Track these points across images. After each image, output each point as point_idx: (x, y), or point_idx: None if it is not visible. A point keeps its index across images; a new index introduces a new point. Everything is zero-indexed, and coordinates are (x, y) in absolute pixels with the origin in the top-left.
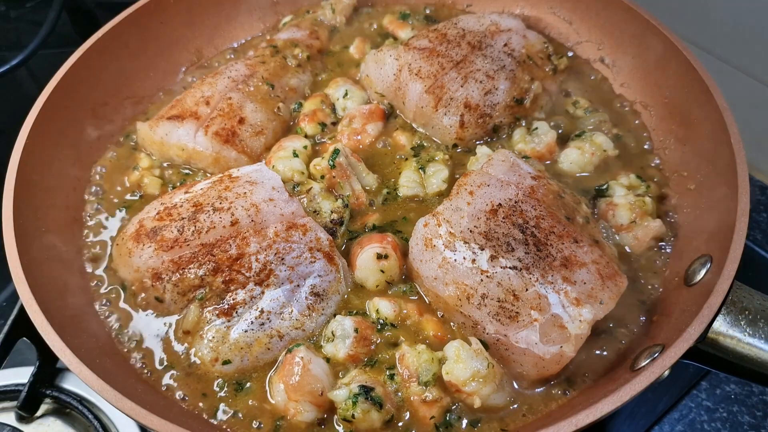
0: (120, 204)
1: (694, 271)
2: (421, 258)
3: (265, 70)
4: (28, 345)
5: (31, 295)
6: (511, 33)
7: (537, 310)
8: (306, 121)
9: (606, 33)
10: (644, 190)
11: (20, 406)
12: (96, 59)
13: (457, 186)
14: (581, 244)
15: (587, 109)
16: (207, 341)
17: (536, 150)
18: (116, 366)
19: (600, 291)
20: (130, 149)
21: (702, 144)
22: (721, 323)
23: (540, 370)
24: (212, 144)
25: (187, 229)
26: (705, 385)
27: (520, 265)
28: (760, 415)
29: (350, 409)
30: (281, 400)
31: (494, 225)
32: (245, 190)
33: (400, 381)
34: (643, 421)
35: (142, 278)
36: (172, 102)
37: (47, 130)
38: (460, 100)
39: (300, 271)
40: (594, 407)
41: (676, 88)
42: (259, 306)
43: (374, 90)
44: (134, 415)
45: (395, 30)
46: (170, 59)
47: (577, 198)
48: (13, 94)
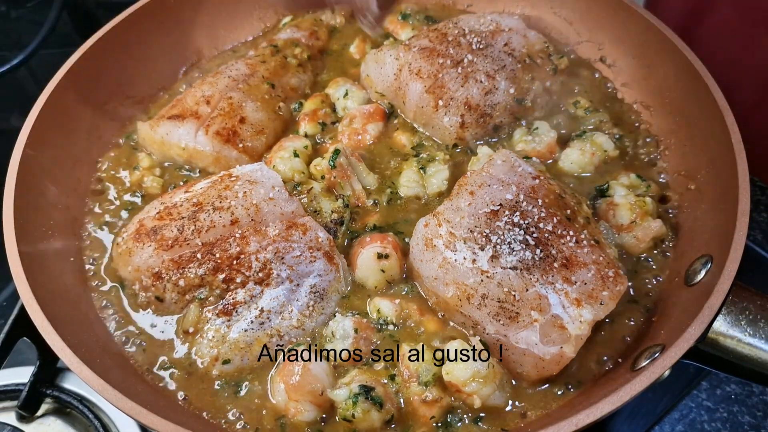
0: (120, 204)
1: (694, 271)
2: (422, 258)
3: (266, 69)
4: (29, 345)
5: (31, 294)
6: (511, 33)
7: (537, 310)
8: (306, 120)
9: (606, 33)
10: (644, 190)
11: (21, 405)
12: (96, 59)
13: (457, 186)
14: (582, 244)
15: (588, 109)
16: (207, 341)
17: (537, 150)
18: (117, 365)
19: (600, 291)
20: (131, 149)
21: (702, 144)
22: (721, 323)
23: (540, 370)
24: (213, 143)
25: (187, 229)
26: (705, 386)
27: (520, 266)
28: (760, 416)
29: (350, 409)
30: (282, 399)
31: (495, 225)
32: (245, 190)
33: (400, 381)
34: (644, 421)
35: (142, 277)
36: (173, 101)
37: (47, 130)
38: (461, 99)
39: (300, 270)
40: (594, 407)
41: (676, 88)
42: (259, 305)
43: (374, 90)
44: (135, 414)
45: (395, 30)
46: (170, 59)
47: (578, 198)
48: (14, 94)
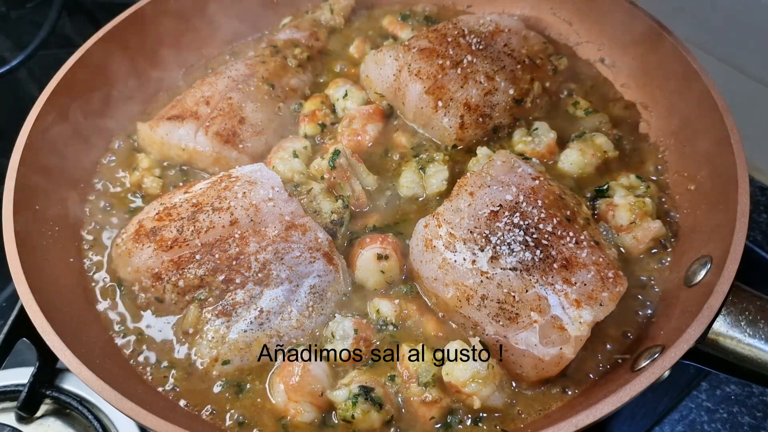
0: (120, 204)
1: (694, 271)
2: (421, 259)
3: (266, 69)
4: (28, 345)
5: (31, 295)
6: (511, 33)
7: (537, 311)
8: (306, 121)
9: (606, 34)
10: (644, 190)
11: (20, 406)
12: (96, 60)
13: (457, 187)
14: (582, 245)
15: (587, 109)
16: (207, 341)
17: (536, 150)
18: (116, 366)
19: (600, 292)
20: (131, 149)
21: (702, 144)
22: (721, 324)
23: (539, 371)
24: (213, 144)
25: (186, 229)
26: (705, 386)
27: (520, 267)
28: (760, 416)
29: (350, 410)
30: (281, 400)
31: (494, 226)
32: (245, 190)
33: (400, 382)
34: (643, 421)
35: (141, 278)
36: (173, 102)
37: (47, 130)
38: (460, 100)
39: (299, 270)
40: (594, 408)
41: (676, 89)
42: (258, 306)
43: (374, 90)
44: (134, 415)
45: (395, 30)
46: (170, 59)
47: (578, 199)
48: (13, 95)
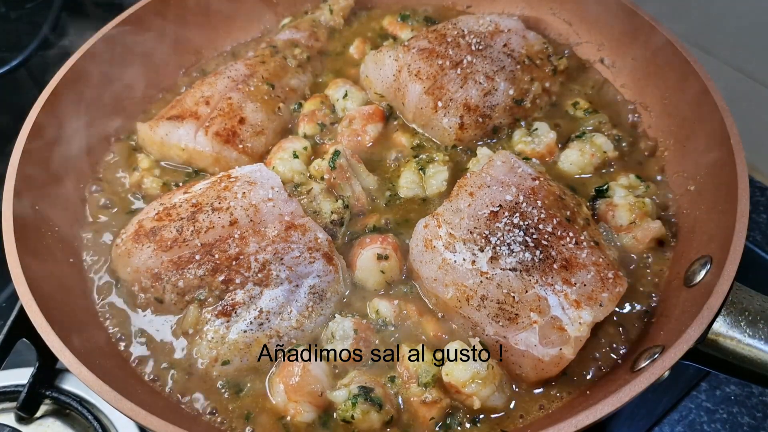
0: (120, 204)
1: (693, 272)
2: (421, 259)
3: (265, 70)
4: (28, 346)
5: (31, 295)
6: (510, 33)
7: (536, 312)
8: (306, 121)
9: (606, 34)
10: (644, 191)
11: (20, 406)
12: (96, 60)
13: (457, 187)
14: (581, 245)
15: (587, 109)
16: (206, 342)
17: (536, 151)
18: (116, 367)
19: (600, 293)
20: (131, 150)
21: (702, 145)
22: (721, 324)
23: (539, 372)
24: (213, 144)
25: (186, 229)
26: (705, 386)
27: (520, 267)
28: (759, 416)
29: (350, 410)
30: (281, 400)
31: (494, 226)
32: (244, 190)
33: (399, 382)
34: (643, 422)
35: (141, 278)
36: (172, 102)
37: (47, 131)
38: (460, 101)
39: (299, 271)
40: (594, 408)
41: (675, 89)
42: (258, 306)
43: (374, 91)
44: (134, 415)
45: (395, 31)
46: (170, 60)
47: (578, 199)
48: (13, 95)
